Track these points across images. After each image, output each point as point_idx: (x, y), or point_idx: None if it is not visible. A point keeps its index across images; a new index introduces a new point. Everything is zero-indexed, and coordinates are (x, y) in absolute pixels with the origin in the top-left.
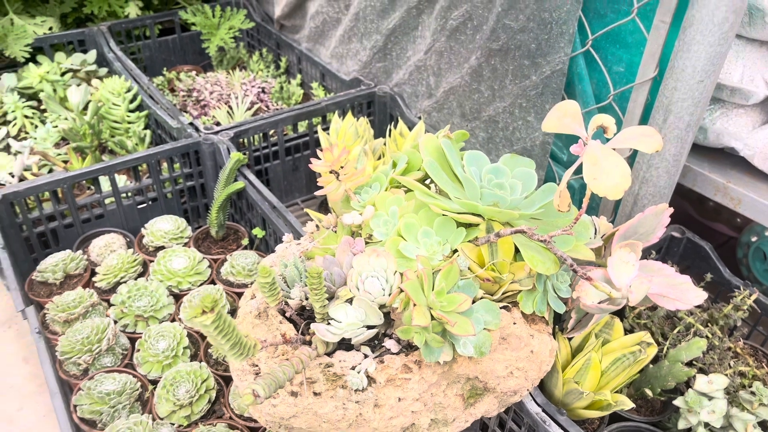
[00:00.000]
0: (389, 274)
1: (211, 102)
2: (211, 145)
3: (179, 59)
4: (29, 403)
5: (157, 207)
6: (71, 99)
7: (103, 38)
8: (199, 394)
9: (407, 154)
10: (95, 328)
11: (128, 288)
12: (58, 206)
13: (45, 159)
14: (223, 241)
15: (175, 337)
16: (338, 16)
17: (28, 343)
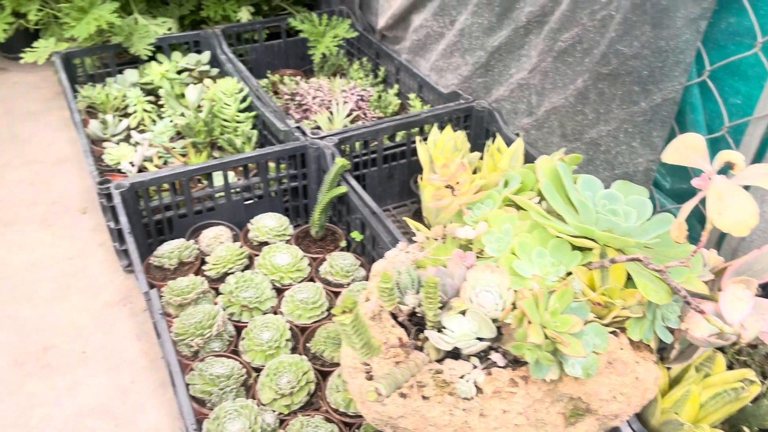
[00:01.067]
0: (503, 289)
1: (312, 107)
2: (317, 150)
3: (282, 63)
4: (141, 378)
5: (262, 204)
6: (188, 96)
7: (216, 40)
8: (300, 385)
9: (520, 174)
10: (207, 314)
11: (236, 279)
12: (175, 197)
13: (166, 152)
14: (322, 241)
15: (278, 329)
16: (442, 30)
17: (140, 321)
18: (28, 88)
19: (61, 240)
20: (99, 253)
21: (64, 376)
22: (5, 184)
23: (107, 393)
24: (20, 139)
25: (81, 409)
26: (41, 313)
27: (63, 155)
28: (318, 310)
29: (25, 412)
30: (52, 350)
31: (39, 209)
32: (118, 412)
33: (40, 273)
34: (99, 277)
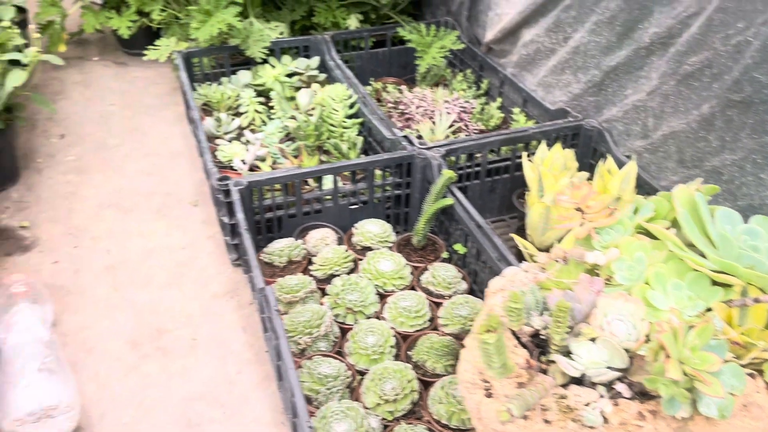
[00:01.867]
0: (636, 320)
1: (415, 116)
2: (423, 160)
3: (385, 71)
4: (247, 369)
5: (365, 210)
6: (300, 100)
7: (325, 46)
8: (404, 393)
9: (654, 202)
10: (315, 313)
11: (342, 281)
12: (287, 197)
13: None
14: (423, 250)
15: (383, 335)
16: (554, 47)
17: (246, 314)
18: (146, 83)
19: (175, 230)
20: (208, 245)
21: (176, 360)
22: (126, 173)
23: (215, 381)
24: (140, 131)
25: (191, 394)
26: (156, 299)
27: (177, 149)
28: (420, 319)
29: (140, 392)
30: (165, 335)
31: (155, 199)
32: (225, 400)
33: (156, 260)
34: (208, 268)
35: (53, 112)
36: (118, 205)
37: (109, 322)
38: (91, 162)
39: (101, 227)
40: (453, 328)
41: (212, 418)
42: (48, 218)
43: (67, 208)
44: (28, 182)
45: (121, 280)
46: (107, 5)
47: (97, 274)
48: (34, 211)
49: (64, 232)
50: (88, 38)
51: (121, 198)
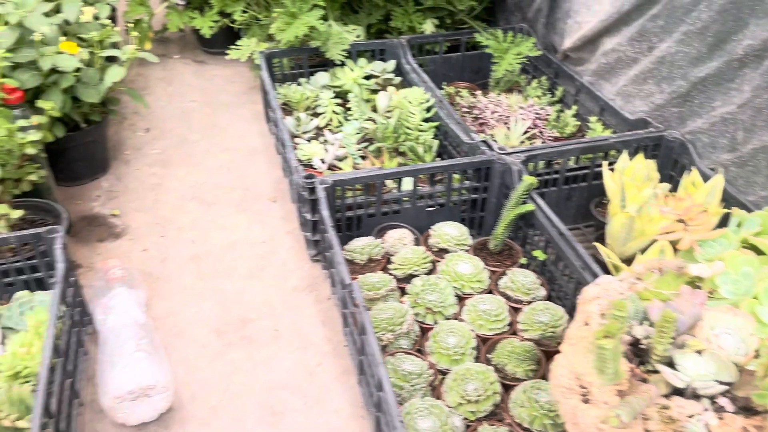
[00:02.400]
0: (745, 334)
1: (490, 121)
2: (503, 165)
3: (457, 76)
4: (326, 362)
5: (441, 212)
6: (379, 102)
7: (401, 50)
8: (487, 394)
9: (761, 217)
10: (398, 311)
11: (422, 282)
12: (367, 197)
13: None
14: (499, 255)
15: (463, 336)
16: (637, 56)
17: (324, 308)
18: (224, 81)
19: (255, 224)
20: (287, 240)
21: (259, 349)
22: (207, 168)
23: (297, 371)
24: (219, 127)
25: (274, 383)
26: (239, 289)
27: (254, 146)
28: (500, 323)
29: (226, 378)
30: (249, 324)
31: (235, 194)
32: (306, 390)
33: (237, 252)
34: (288, 263)
35: (145, 106)
36: (201, 198)
37: (196, 310)
38: (174, 156)
39: (185, 218)
40: (533, 334)
41: (294, 407)
42: (136, 208)
43: (154, 198)
44: (117, 173)
45: (205, 270)
46: (190, 5)
47: (183, 263)
48: (123, 200)
49: (152, 222)
50: (169, 37)
51: (203, 191)
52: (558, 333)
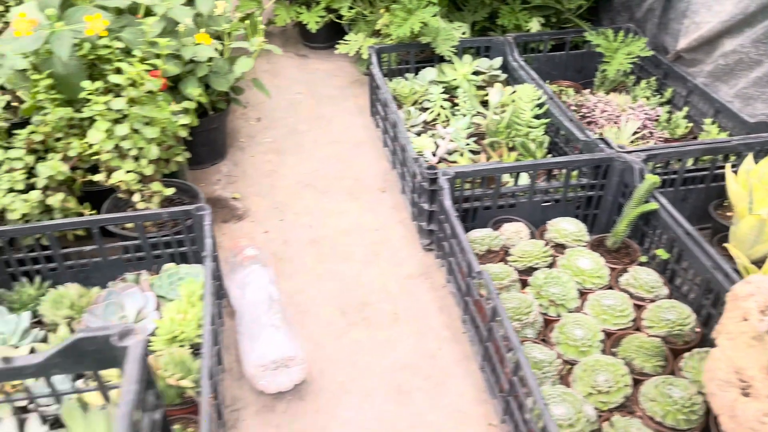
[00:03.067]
0: None
1: (599, 120)
2: (623, 163)
3: (560, 75)
4: (446, 347)
5: (556, 208)
6: (492, 98)
7: (508, 47)
8: (618, 386)
9: None
10: (523, 301)
11: (545, 274)
12: (485, 189)
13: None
14: (616, 252)
15: (590, 329)
16: (761, 58)
17: (440, 296)
18: (326, 75)
19: (367, 213)
20: (399, 229)
21: (381, 331)
22: (317, 157)
23: (417, 354)
24: (325, 119)
25: (397, 363)
26: (356, 273)
27: (360, 138)
28: (624, 318)
29: (352, 356)
30: (368, 307)
31: (346, 183)
32: (429, 372)
33: (352, 238)
34: (401, 250)
35: (268, 96)
36: (314, 186)
37: (318, 290)
38: (286, 144)
39: (301, 204)
40: (658, 331)
41: (419, 387)
42: (254, 192)
43: (270, 184)
44: (234, 159)
45: (324, 253)
46: (297, 1)
47: (302, 246)
48: (241, 185)
49: (270, 206)
50: (271, 31)
51: (315, 179)
52: (685, 331)
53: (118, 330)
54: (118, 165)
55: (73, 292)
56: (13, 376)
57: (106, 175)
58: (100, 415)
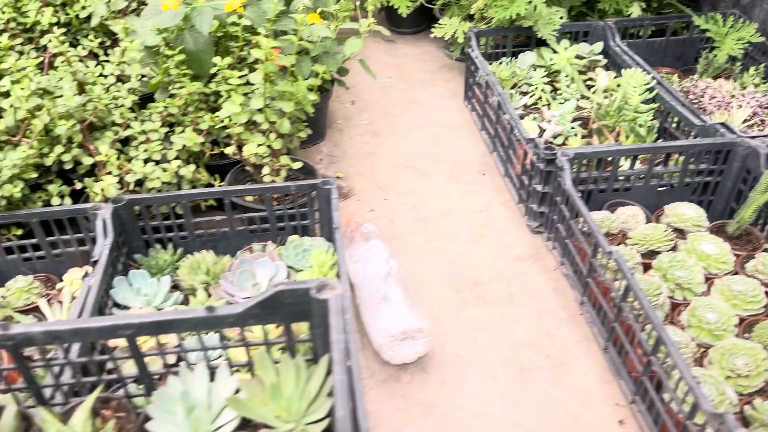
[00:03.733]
0: None
1: (708, 107)
2: (747, 148)
3: (659, 61)
4: (564, 327)
5: (670, 193)
6: (600, 82)
7: (609, 32)
8: (758, 370)
9: None
10: (651, 283)
11: (669, 258)
12: (600, 172)
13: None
14: (737, 239)
15: (724, 314)
16: None
17: (553, 277)
18: (415, 59)
19: (469, 194)
20: (503, 211)
21: (496, 310)
22: (414, 140)
23: (535, 333)
24: (417, 103)
25: (516, 342)
26: (465, 252)
27: (454, 122)
28: (756, 304)
29: (470, 332)
30: (481, 286)
31: (445, 165)
32: (549, 352)
33: (456, 219)
34: (507, 232)
35: (374, 77)
36: (413, 167)
37: (430, 267)
38: (381, 127)
39: (402, 185)
40: None
41: (540, 365)
42: (356, 172)
43: (370, 165)
44: (333, 140)
45: (430, 233)
46: None
47: (409, 225)
48: (342, 165)
49: (373, 186)
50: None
51: (413, 161)
52: None
53: (315, 284)
54: (248, 138)
55: (209, 258)
56: (215, 325)
57: (236, 149)
58: (289, 364)
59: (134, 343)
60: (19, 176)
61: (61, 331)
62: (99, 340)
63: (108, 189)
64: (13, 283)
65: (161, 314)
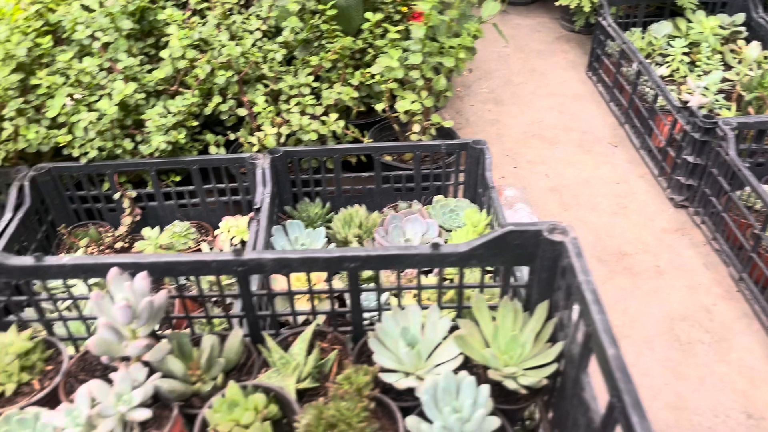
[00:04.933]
0: None
1: None
2: None
3: None
4: (721, 303)
5: None
6: (749, 53)
7: (751, 3)
8: None
9: None
10: None
11: None
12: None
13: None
14: None
15: None
16: None
17: (703, 252)
18: (529, 30)
19: (603, 165)
20: (641, 183)
21: (646, 282)
22: (538, 109)
23: (691, 307)
24: (538, 72)
25: (671, 314)
26: (606, 223)
27: (578, 92)
28: None
29: (620, 302)
30: (627, 257)
31: (573, 135)
32: (708, 326)
33: (593, 189)
34: (648, 205)
35: (507, 42)
36: (541, 136)
37: None
38: (503, 95)
39: (531, 153)
40: None
41: (700, 339)
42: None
43: (496, 133)
44: (454, 107)
45: (566, 202)
46: None
47: (543, 193)
48: (468, 131)
49: (501, 153)
50: None
51: (540, 129)
52: None
53: (546, 226)
54: (401, 95)
55: (362, 212)
56: (437, 263)
57: (388, 105)
58: (508, 307)
59: (356, 277)
60: (182, 123)
61: (291, 259)
62: (324, 270)
63: (268, 139)
64: (171, 228)
65: (386, 249)
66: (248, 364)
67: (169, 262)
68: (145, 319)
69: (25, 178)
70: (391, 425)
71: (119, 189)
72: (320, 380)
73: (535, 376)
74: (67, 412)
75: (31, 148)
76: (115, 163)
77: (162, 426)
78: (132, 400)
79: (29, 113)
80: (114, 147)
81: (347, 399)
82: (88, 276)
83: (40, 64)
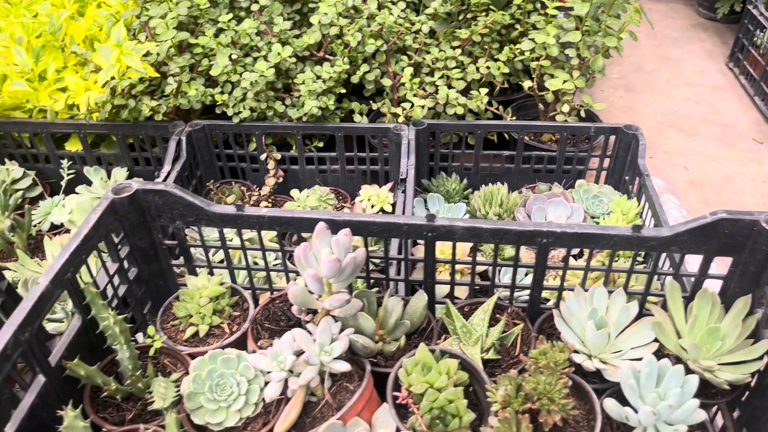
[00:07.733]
0: None
1: None
2: None
3: None
4: None
5: None
6: None
7: None
8: None
9: None
10: None
11: None
12: None
13: None
14: None
15: None
16: None
17: None
18: (661, 15)
19: (747, 162)
20: None
21: None
22: (673, 98)
23: None
24: (671, 60)
25: None
26: None
27: (717, 83)
28: None
29: None
30: None
31: (712, 129)
32: None
33: (738, 186)
34: None
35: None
36: (678, 127)
37: None
38: (634, 82)
39: (668, 144)
40: None
41: None
42: None
43: (629, 119)
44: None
45: (708, 198)
46: None
47: (682, 186)
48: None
49: None
50: None
51: (677, 120)
52: None
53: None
54: (552, 73)
55: (503, 190)
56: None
57: (537, 83)
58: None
59: (546, 252)
60: (330, 89)
61: (482, 229)
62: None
63: (415, 111)
64: (314, 192)
65: (582, 226)
66: (428, 329)
67: (363, 222)
68: (348, 273)
69: (182, 133)
70: (582, 405)
71: (265, 150)
72: (500, 353)
73: (737, 372)
74: (273, 356)
75: (187, 105)
76: (264, 124)
77: (351, 380)
78: (333, 351)
79: (186, 71)
80: (266, 109)
81: (546, 374)
82: (283, 228)
83: (196, 24)
